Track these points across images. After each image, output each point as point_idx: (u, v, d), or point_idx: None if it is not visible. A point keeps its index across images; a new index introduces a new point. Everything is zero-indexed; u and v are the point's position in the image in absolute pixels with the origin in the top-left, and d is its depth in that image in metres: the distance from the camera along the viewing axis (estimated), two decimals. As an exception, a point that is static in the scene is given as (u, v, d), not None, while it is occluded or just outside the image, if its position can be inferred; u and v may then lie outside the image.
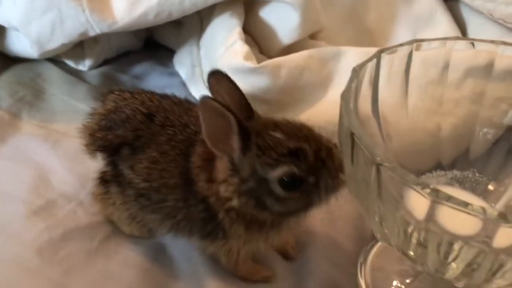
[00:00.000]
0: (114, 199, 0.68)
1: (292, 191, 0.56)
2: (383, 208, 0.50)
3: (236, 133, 0.54)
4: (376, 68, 0.62)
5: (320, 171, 0.56)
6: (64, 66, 1.04)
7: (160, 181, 0.61)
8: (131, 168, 0.63)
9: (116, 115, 0.65)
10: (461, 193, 0.67)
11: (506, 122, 0.67)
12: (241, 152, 0.55)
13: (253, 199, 0.57)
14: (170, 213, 0.63)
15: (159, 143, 0.62)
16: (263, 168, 0.55)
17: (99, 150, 0.66)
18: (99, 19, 0.83)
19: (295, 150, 0.55)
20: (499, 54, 0.67)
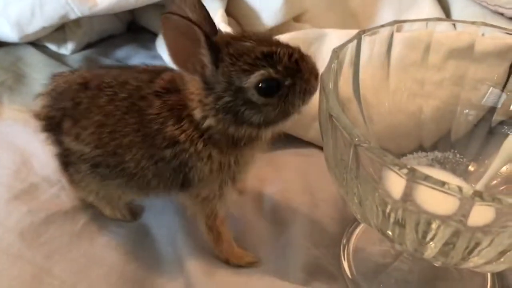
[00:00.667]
0: (77, 180, 0.67)
1: (269, 96, 0.55)
2: (362, 189, 0.50)
3: (204, 46, 0.52)
4: (357, 49, 0.62)
5: (295, 74, 0.55)
6: (46, 50, 1.03)
7: (113, 143, 0.60)
8: (77, 138, 0.62)
9: (54, 92, 0.65)
10: (441, 174, 0.67)
11: (486, 103, 0.68)
12: (213, 65, 0.54)
13: (230, 114, 0.56)
14: (135, 174, 0.61)
15: (100, 106, 0.60)
16: (239, 76, 0.54)
17: (46, 131, 0.66)
18: (79, 1, 0.82)
19: (269, 53, 0.54)
20: (480, 36, 0.67)
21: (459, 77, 0.72)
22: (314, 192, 0.76)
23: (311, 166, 0.80)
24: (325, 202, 0.75)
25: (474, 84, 0.72)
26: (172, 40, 0.52)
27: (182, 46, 0.52)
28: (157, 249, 0.69)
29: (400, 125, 0.73)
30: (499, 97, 0.67)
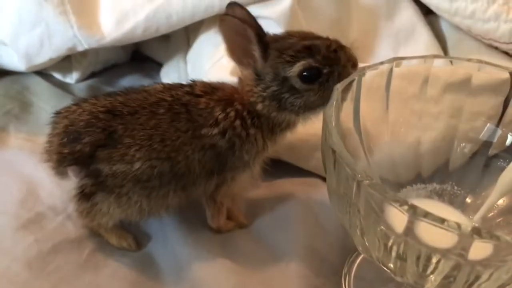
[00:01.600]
0: (103, 207, 0.68)
1: (311, 83, 0.64)
2: (364, 222, 0.52)
3: (255, 42, 0.62)
4: (358, 85, 0.64)
5: (333, 62, 0.64)
6: (51, 79, 1.05)
7: (166, 149, 0.64)
8: (122, 160, 0.64)
9: (74, 127, 0.65)
10: (439, 206, 0.69)
11: (482, 137, 0.70)
12: (262, 59, 0.64)
13: (276, 101, 0.65)
14: (185, 172, 0.66)
15: (141, 123, 0.64)
16: (284, 66, 0.63)
17: (70, 165, 0.66)
18: (87, 34, 0.84)
19: (309, 46, 0.63)
20: (476, 71, 0.70)
21: (456, 110, 0.74)
22: (315, 221, 0.77)
23: (312, 195, 0.81)
24: (326, 231, 0.76)
25: (471, 116, 0.74)
26: (228, 38, 0.63)
27: (237, 43, 0.63)
28: (162, 279, 0.69)
29: (399, 156, 0.74)
30: (494, 132, 0.69)
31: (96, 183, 0.66)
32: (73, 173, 0.67)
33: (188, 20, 0.86)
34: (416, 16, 1.01)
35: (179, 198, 0.70)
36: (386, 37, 1.01)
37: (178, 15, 0.85)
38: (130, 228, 0.75)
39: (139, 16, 0.84)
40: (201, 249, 0.72)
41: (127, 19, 0.85)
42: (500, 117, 0.69)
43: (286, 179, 0.85)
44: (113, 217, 0.70)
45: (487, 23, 0.89)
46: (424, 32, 1.01)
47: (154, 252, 0.73)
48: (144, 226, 0.76)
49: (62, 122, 0.67)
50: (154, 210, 0.70)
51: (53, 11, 0.83)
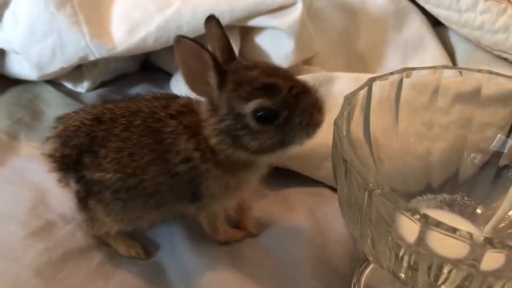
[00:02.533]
0: (98, 215, 0.69)
1: (265, 124, 0.58)
2: (375, 231, 0.52)
3: (212, 69, 0.57)
4: (368, 95, 0.64)
5: (294, 107, 0.58)
6: (62, 88, 1.05)
7: (133, 164, 0.63)
8: (99, 168, 0.64)
9: (66, 132, 0.67)
10: (450, 216, 0.69)
11: (492, 148, 0.70)
12: (217, 88, 0.59)
13: (229, 137, 0.60)
14: (153, 191, 0.65)
15: (116, 134, 0.64)
16: (238, 102, 0.58)
17: (63, 169, 0.67)
18: (99, 44, 0.85)
19: (269, 85, 0.58)
20: (486, 81, 0.70)
21: (466, 120, 0.74)
22: (324, 231, 0.77)
23: (321, 205, 0.81)
24: (335, 241, 0.76)
25: (480, 127, 0.74)
26: (184, 61, 0.57)
27: (193, 68, 0.57)
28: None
29: (409, 166, 0.74)
30: (505, 143, 0.69)
31: (85, 190, 0.67)
32: (69, 181, 0.68)
33: (198, 30, 0.87)
34: (425, 27, 1.01)
35: (156, 215, 0.70)
36: (395, 48, 1.02)
37: (188, 26, 0.86)
38: (138, 237, 0.75)
39: (150, 26, 0.85)
40: (209, 258, 0.72)
41: (138, 29, 0.85)
42: (511, 127, 0.69)
43: (295, 188, 0.85)
44: (109, 226, 0.70)
45: (496, 35, 0.90)
46: (432, 43, 1.01)
47: (163, 261, 0.73)
48: (152, 235, 0.77)
49: (58, 128, 0.68)
50: (133, 223, 0.70)
51: (66, 21, 0.84)
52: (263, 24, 0.88)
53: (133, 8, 0.86)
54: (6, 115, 0.98)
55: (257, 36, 0.93)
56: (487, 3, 0.89)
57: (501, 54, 0.92)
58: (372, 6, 1.00)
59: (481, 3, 0.90)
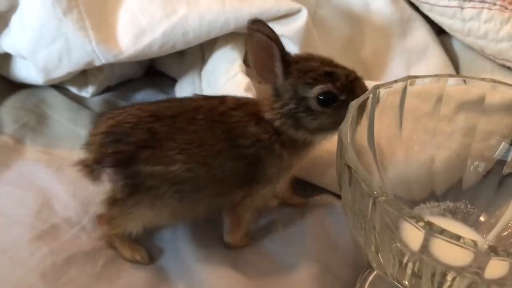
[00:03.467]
0: (135, 210, 0.69)
1: (326, 106, 0.67)
2: (379, 238, 0.52)
3: (278, 59, 0.66)
4: (372, 102, 0.65)
5: (349, 91, 0.67)
6: (67, 92, 1.06)
7: (203, 153, 0.67)
8: (161, 162, 0.66)
9: (119, 128, 0.67)
10: (453, 224, 0.69)
11: (495, 156, 0.70)
12: (283, 76, 0.67)
13: (292, 119, 0.68)
14: (220, 177, 0.68)
15: (182, 128, 0.67)
16: (303, 87, 0.67)
17: (111, 166, 0.67)
18: (105, 49, 0.85)
19: (330, 72, 0.67)
20: (489, 90, 0.70)
21: (469, 129, 0.74)
22: (327, 238, 0.78)
23: (325, 212, 0.82)
24: (339, 248, 0.76)
25: (484, 135, 0.74)
26: (254, 52, 0.67)
27: (261, 58, 0.67)
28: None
29: (412, 173, 0.75)
30: (508, 151, 0.69)
31: (132, 185, 0.67)
32: (109, 176, 0.67)
33: (204, 37, 0.88)
34: (429, 35, 1.02)
35: (208, 206, 0.72)
36: (399, 56, 1.02)
37: (194, 32, 0.86)
38: (143, 242, 0.75)
39: (156, 32, 0.86)
40: (213, 263, 0.72)
41: (145, 35, 0.86)
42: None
43: (299, 195, 0.85)
44: (142, 221, 0.71)
45: (500, 43, 0.90)
46: (436, 51, 1.01)
47: (167, 266, 0.73)
48: (156, 240, 0.77)
49: (106, 123, 0.68)
50: (183, 216, 0.73)
51: (73, 26, 0.84)
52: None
53: (140, 14, 0.86)
54: (12, 119, 0.98)
55: (262, 42, 0.93)
56: (491, 12, 0.90)
57: (505, 63, 0.92)
58: (377, 14, 1.01)
59: (485, 12, 0.90)
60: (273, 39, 0.65)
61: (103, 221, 0.73)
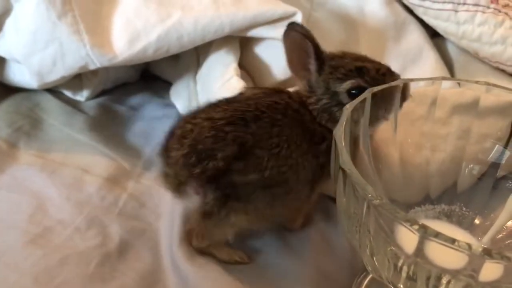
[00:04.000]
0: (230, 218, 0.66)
1: None
2: (374, 242, 0.52)
3: (313, 57, 0.69)
4: (367, 106, 0.65)
5: (380, 83, 0.66)
6: (62, 96, 1.06)
7: (293, 155, 0.66)
8: (256, 169, 0.64)
9: (200, 145, 0.64)
10: (448, 227, 0.69)
11: (490, 159, 0.70)
12: (317, 72, 0.70)
13: (326, 113, 0.70)
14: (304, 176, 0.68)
15: (267, 132, 0.65)
16: (335, 83, 0.69)
17: (202, 185, 0.64)
18: (99, 53, 0.85)
19: (360, 67, 0.69)
20: (484, 93, 0.70)
21: (464, 131, 0.75)
22: (323, 241, 0.78)
23: (321, 215, 0.82)
24: (334, 252, 0.76)
25: (479, 138, 0.74)
26: (290, 50, 0.71)
27: (296, 56, 0.70)
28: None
29: (407, 176, 0.75)
30: (502, 154, 0.69)
31: (226, 195, 0.64)
32: (198, 191, 0.65)
33: (199, 41, 0.87)
34: (423, 38, 1.02)
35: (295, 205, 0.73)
36: (394, 59, 1.02)
37: (189, 36, 0.86)
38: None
39: (151, 36, 0.85)
40: (211, 270, 0.71)
41: (139, 39, 0.85)
42: (508, 139, 0.70)
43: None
44: (236, 228, 0.69)
45: (494, 46, 0.90)
46: (431, 54, 1.01)
47: (164, 267, 0.73)
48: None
49: (184, 143, 0.64)
50: (272, 219, 0.72)
51: (67, 30, 0.84)
52: (263, 34, 0.89)
53: (135, 18, 0.86)
54: (6, 123, 0.98)
55: (257, 46, 0.93)
56: (485, 15, 0.90)
57: (499, 65, 0.93)
58: (371, 18, 1.01)
59: (478, 15, 0.90)
60: (308, 37, 0.68)
61: (193, 234, 0.72)
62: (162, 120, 1.02)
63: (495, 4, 0.91)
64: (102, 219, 0.78)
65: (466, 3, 0.92)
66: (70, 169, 0.87)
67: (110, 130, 0.99)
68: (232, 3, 0.87)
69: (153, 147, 0.93)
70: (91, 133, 0.96)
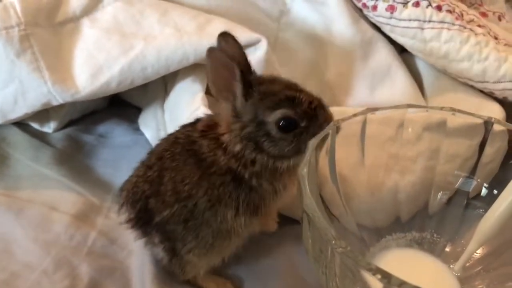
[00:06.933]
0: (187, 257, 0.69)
1: (286, 132, 0.64)
2: (341, 283, 0.52)
3: (239, 80, 0.62)
4: (332, 138, 0.64)
5: (311, 118, 0.64)
6: (28, 129, 1.03)
7: (187, 187, 0.65)
8: (165, 205, 0.66)
9: (130, 193, 0.68)
10: (420, 255, 0.69)
11: (458, 186, 0.70)
12: (243, 98, 0.64)
13: (252, 143, 0.65)
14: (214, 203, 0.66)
15: (167, 168, 0.66)
16: (264, 111, 0.64)
17: (142, 226, 0.69)
18: (61, 89, 0.83)
19: (292, 97, 0.64)
20: (450, 115, 0.70)
21: (434, 152, 0.75)
22: (295, 274, 0.76)
23: (294, 245, 0.80)
24: (306, 283, 0.75)
25: (448, 158, 0.74)
26: (213, 70, 0.64)
27: (220, 77, 0.64)
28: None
29: (377, 201, 0.74)
30: (470, 184, 0.69)
31: (165, 236, 0.68)
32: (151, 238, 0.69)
33: (163, 71, 0.86)
34: (392, 56, 1.02)
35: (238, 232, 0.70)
36: (363, 78, 1.01)
37: (153, 67, 0.85)
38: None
39: (114, 69, 0.84)
40: None
41: (102, 73, 0.84)
42: (475, 167, 0.70)
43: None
44: (202, 264, 0.71)
45: (461, 63, 0.90)
46: (400, 71, 1.01)
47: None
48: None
49: (122, 195, 0.70)
50: (230, 245, 0.71)
51: (27, 68, 0.82)
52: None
53: (96, 51, 0.84)
54: (-29, 160, 0.95)
55: (224, 73, 0.92)
56: (450, 32, 0.90)
57: (467, 81, 0.93)
58: (339, 37, 1.00)
59: (444, 32, 0.90)
60: (235, 58, 0.63)
61: (178, 272, 0.72)
62: (131, 147, 1.00)
63: (460, 20, 0.91)
64: (71, 260, 0.76)
65: (432, 20, 0.91)
66: (37, 207, 0.85)
67: (78, 163, 0.97)
68: (195, 32, 0.86)
69: (123, 178, 0.91)
70: (59, 167, 0.94)
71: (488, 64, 0.87)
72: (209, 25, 0.88)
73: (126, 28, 0.87)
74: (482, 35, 0.89)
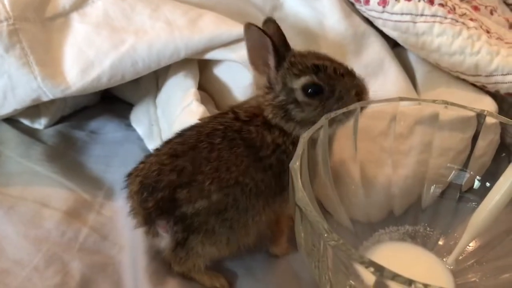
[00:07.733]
0: (198, 249, 0.69)
1: (311, 97, 0.67)
2: (333, 277, 0.51)
3: (271, 52, 0.67)
4: (324, 132, 0.64)
5: (335, 82, 0.68)
6: (19, 125, 1.03)
7: (233, 175, 0.66)
8: (200, 195, 0.65)
9: (148, 180, 0.67)
10: (413, 249, 0.69)
11: (450, 180, 0.70)
12: (275, 68, 0.69)
13: (282, 110, 0.69)
14: (255, 193, 0.67)
15: (205, 157, 0.66)
16: (291, 78, 0.68)
17: (158, 216, 0.67)
18: (51, 85, 0.82)
19: (317, 65, 0.68)
20: (442, 108, 0.70)
21: (426, 145, 0.74)
22: (288, 269, 0.76)
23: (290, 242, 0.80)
24: (300, 279, 0.74)
25: (441, 151, 0.74)
26: (250, 45, 0.69)
27: (257, 51, 0.69)
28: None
29: (370, 195, 0.74)
30: (463, 177, 0.69)
31: (185, 227, 0.67)
32: (163, 227, 0.68)
33: (154, 66, 0.85)
34: (384, 50, 1.01)
35: (258, 226, 0.71)
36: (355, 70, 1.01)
37: (144, 62, 0.84)
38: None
39: (104, 64, 0.83)
40: None
41: (92, 68, 0.83)
42: (468, 160, 0.70)
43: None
44: (207, 256, 0.70)
45: (453, 57, 0.90)
46: (392, 65, 1.01)
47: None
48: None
49: (136, 181, 0.69)
50: (240, 242, 0.71)
51: (16, 63, 0.81)
52: (221, 57, 0.87)
53: (86, 46, 0.83)
54: (-39, 158, 0.94)
55: (216, 68, 0.92)
56: (443, 25, 0.90)
57: (459, 75, 0.92)
58: (331, 32, 1.00)
59: (436, 26, 0.90)
60: (268, 34, 0.67)
61: (177, 263, 0.72)
62: (122, 143, 1.00)
63: (452, 14, 0.91)
64: (62, 256, 0.75)
65: (424, 14, 0.91)
66: (28, 204, 0.84)
67: (70, 159, 0.96)
68: (187, 26, 0.85)
69: (114, 174, 0.90)
70: (50, 164, 0.93)
71: (480, 58, 0.87)
72: (201, 20, 0.87)
73: (116, 22, 0.86)
74: (474, 28, 0.89)
